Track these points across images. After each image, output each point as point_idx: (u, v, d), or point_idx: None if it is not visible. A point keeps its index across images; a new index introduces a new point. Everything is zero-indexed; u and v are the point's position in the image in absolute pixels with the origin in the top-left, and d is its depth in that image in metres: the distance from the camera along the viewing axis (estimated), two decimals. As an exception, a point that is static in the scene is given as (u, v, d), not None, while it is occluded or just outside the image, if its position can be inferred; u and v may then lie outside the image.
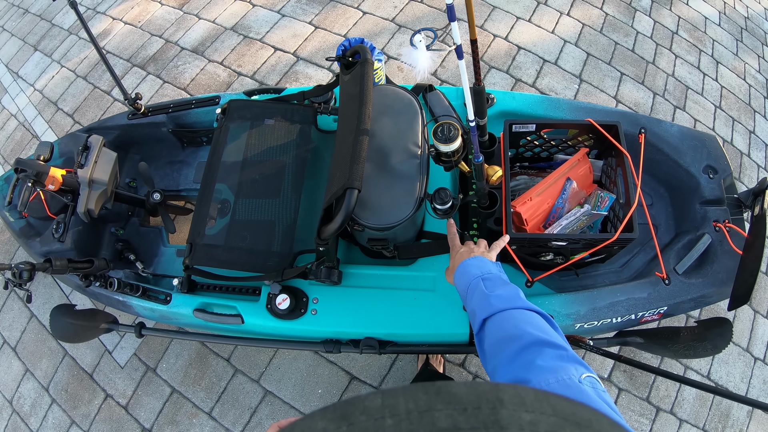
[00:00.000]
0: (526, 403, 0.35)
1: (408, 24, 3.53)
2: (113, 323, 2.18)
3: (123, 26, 4.14)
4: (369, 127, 1.42)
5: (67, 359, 2.86)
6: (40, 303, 3.05)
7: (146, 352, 2.78)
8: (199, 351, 2.71)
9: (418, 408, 0.34)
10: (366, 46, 1.61)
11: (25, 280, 1.76)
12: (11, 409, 2.86)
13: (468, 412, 0.33)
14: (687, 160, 1.85)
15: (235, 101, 2.07)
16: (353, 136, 1.39)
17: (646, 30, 3.54)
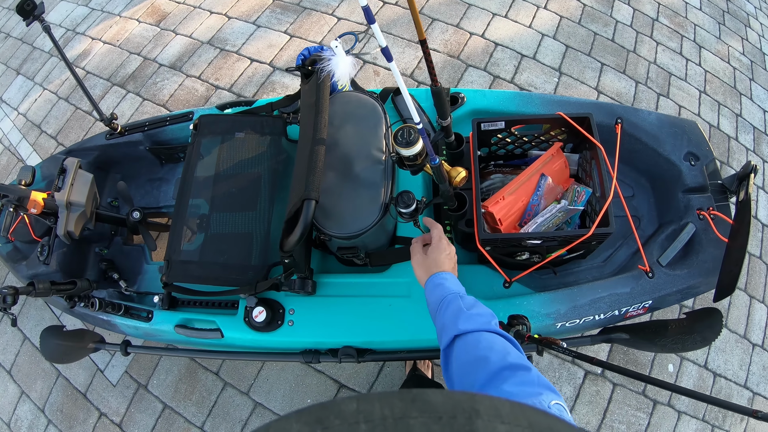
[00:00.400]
0: (502, 414, 0.35)
1: (384, 27, 3.52)
2: (100, 342, 2.18)
3: (102, 46, 4.15)
4: (325, 137, 1.40)
5: (60, 380, 2.87)
6: (32, 325, 3.07)
7: (137, 369, 2.78)
8: (188, 366, 2.71)
9: (394, 415, 0.34)
10: (323, 55, 1.58)
11: (9, 304, 1.76)
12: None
13: (443, 421, 0.33)
14: (667, 149, 1.81)
15: (205, 116, 2.07)
16: (309, 146, 1.38)
17: (626, 18, 3.51)
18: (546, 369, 2.43)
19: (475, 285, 1.70)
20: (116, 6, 4.45)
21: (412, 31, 3.45)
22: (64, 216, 1.93)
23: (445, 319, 1.04)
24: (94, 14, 4.49)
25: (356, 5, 3.68)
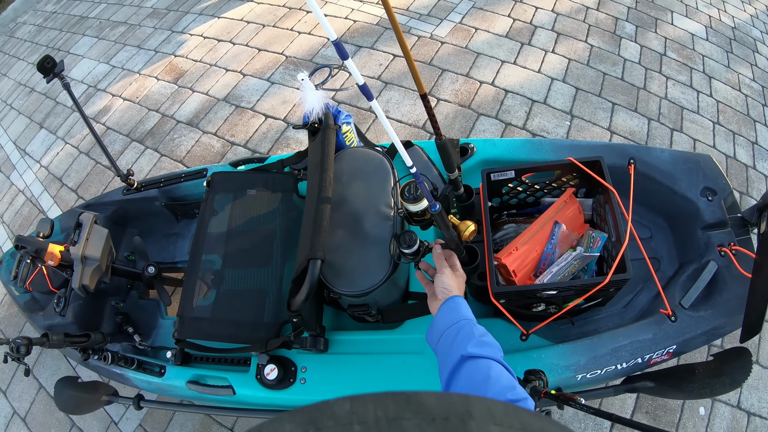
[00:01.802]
0: (495, 416, 0.35)
1: (394, 80, 3.59)
2: (114, 395, 2.19)
3: (122, 102, 4.31)
4: (330, 195, 1.42)
5: (74, 430, 2.86)
6: (48, 375, 3.08)
7: (151, 422, 2.76)
8: (203, 421, 2.68)
9: (387, 416, 0.33)
10: (329, 112, 1.60)
11: (22, 354, 1.80)
12: None
13: (436, 423, 0.33)
14: (682, 185, 1.78)
15: (217, 174, 2.10)
16: (315, 205, 1.39)
17: (634, 56, 3.53)
18: (571, 420, 2.35)
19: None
20: (136, 64, 4.65)
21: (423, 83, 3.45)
22: (80, 270, 1.96)
23: (455, 340, 1.05)
24: (115, 71, 4.69)
25: (368, 58, 3.78)
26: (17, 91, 5.24)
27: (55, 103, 4.71)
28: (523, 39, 3.67)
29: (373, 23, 4.08)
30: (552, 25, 3.76)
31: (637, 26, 3.76)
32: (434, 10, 4.03)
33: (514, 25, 3.79)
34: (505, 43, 3.66)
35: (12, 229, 3.87)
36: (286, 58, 4.02)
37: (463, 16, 3.92)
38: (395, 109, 3.39)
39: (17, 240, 1.89)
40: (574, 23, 3.77)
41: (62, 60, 2.08)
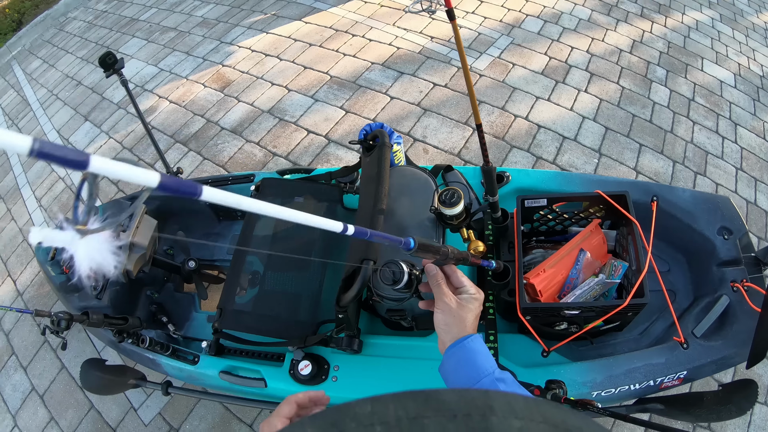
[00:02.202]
0: (516, 410, 0.34)
1: (433, 108, 3.73)
2: (141, 380, 2.25)
3: (168, 104, 4.50)
4: (385, 206, 1.54)
5: (92, 412, 2.92)
6: (72, 356, 3.17)
7: (171, 412, 2.81)
8: (222, 416, 2.73)
9: (408, 415, 0.34)
10: (384, 131, 1.74)
11: (62, 328, 1.86)
12: None
13: (458, 420, 0.33)
14: (701, 224, 1.87)
15: (268, 179, 2.22)
16: (370, 214, 1.52)
17: (663, 100, 3.64)
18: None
19: (515, 353, 1.75)
20: (184, 69, 4.87)
21: (460, 113, 3.64)
22: (125, 255, 2.02)
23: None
24: (163, 74, 4.91)
25: (409, 85, 3.92)
26: (64, 82, 5.48)
27: (101, 99, 4.92)
28: (558, 77, 3.80)
29: (416, 51, 4.24)
30: (586, 65, 3.89)
31: (667, 71, 3.87)
32: (475, 44, 4.18)
33: (550, 63, 3.93)
34: (541, 79, 3.79)
35: (49, 215, 4.04)
36: (330, 77, 4.18)
37: (501, 51, 4.07)
38: (432, 136, 3.52)
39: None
40: (607, 65, 3.90)
41: (122, 58, 2.21)
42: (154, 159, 4.06)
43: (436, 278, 1.03)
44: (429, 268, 1.05)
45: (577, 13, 4.46)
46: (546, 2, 4.59)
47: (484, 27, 4.36)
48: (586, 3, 4.58)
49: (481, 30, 4.32)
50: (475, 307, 1.01)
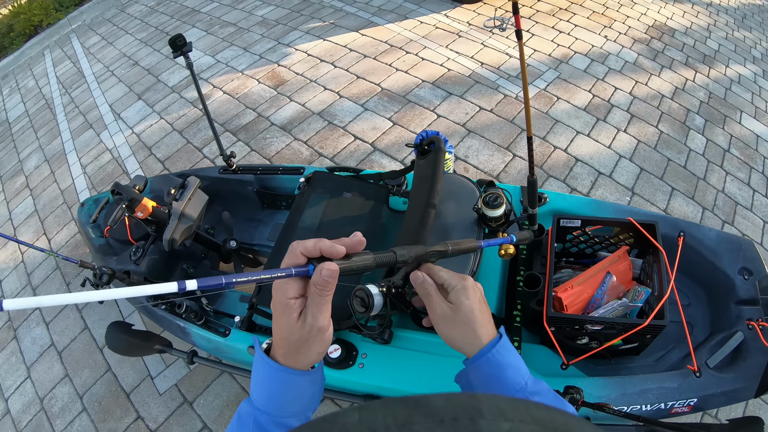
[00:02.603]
0: (505, 412, 0.35)
1: (476, 130, 3.85)
2: (167, 346, 2.30)
3: (222, 94, 4.69)
4: (437, 203, 1.65)
5: (108, 375, 2.99)
6: (96, 318, 3.27)
7: (187, 385, 2.85)
8: (238, 395, 2.76)
9: (397, 422, 0.34)
10: (440, 138, 1.88)
11: (103, 282, 1.95)
12: (40, 407, 2.98)
13: (446, 424, 0.33)
14: (723, 262, 1.95)
15: (319, 173, 2.34)
16: (423, 208, 1.64)
17: (699, 148, 3.71)
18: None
19: (536, 362, 1.84)
20: (240, 64, 5.08)
21: (502, 138, 3.75)
22: (174, 224, 2.11)
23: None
24: (219, 66, 5.12)
25: (456, 105, 4.06)
26: (121, 60, 5.74)
27: (156, 81, 5.16)
28: (600, 115, 3.90)
29: (466, 75, 4.38)
30: (628, 106, 3.99)
31: (706, 120, 3.95)
32: (523, 74, 4.29)
33: (593, 100, 4.04)
34: (583, 115, 3.90)
35: (93, 182, 4.21)
36: (381, 89, 4.34)
37: (548, 84, 4.20)
38: (474, 156, 3.64)
39: (115, 186, 2.01)
40: (648, 108, 3.99)
41: (191, 42, 2.29)
42: (202, 143, 4.23)
43: (423, 286, 0.85)
44: (414, 277, 0.87)
45: (623, 55, 4.57)
46: (594, 42, 4.72)
47: (533, 59, 4.49)
48: (633, 47, 4.69)
49: (530, 62, 4.45)
50: (470, 296, 0.83)
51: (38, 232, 3.98)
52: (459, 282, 0.85)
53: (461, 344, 0.84)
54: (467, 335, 0.82)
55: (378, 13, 5.45)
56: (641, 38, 4.85)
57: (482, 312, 0.85)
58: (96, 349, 3.11)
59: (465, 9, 5.32)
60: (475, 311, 0.83)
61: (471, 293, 0.84)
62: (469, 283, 0.85)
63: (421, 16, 5.30)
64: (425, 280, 0.86)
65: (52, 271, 3.66)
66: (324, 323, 0.72)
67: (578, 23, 5.01)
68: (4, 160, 5.17)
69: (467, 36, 4.89)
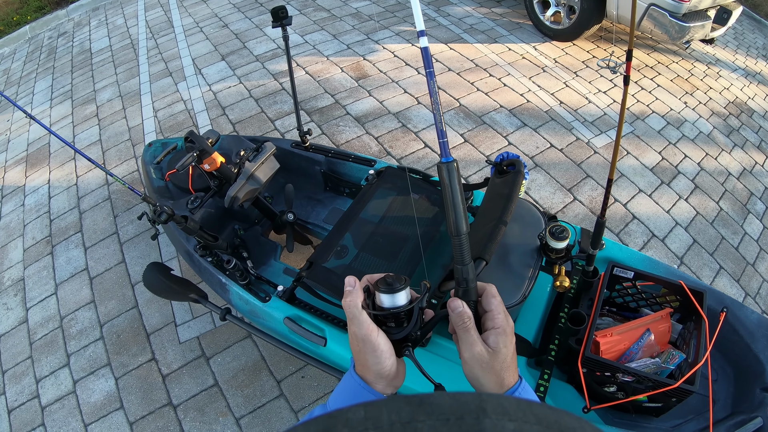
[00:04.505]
0: (510, 412, 0.35)
1: (543, 166, 3.89)
2: (203, 298, 2.33)
3: (304, 74, 4.83)
4: (508, 221, 1.72)
5: (134, 311, 3.05)
6: (135, 255, 3.36)
7: (209, 340, 2.88)
8: (256, 363, 2.78)
9: (401, 419, 0.34)
10: (521, 162, 1.96)
11: (161, 220, 1.97)
12: (59, 324, 3.07)
13: (451, 423, 0.33)
14: (758, 347, 1.97)
15: (392, 168, 2.41)
16: (494, 222, 1.70)
17: (755, 233, 3.71)
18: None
19: (560, 400, 1.88)
20: (327, 49, 5.21)
21: (566, 179, 3.79)
22: (242, 183, 2.16)
23: None
24: (306, 47, 5.27)
25: (528, 137, 4.12)
26: (211, 20, 5.92)
27: (242, 46, 5.31)
28: (665, 178, 3.92)
29: (543, 110, 4.44)
30: (693, 176, 4.00)
31: (767, 207, 3.94)
32: (597, 121, 4.36)
33: (660, 162, 4.05)
34: (648, 175, 3.92)
35: (162, 127, 4.37)
36: (459, 105, 4.42)
37: (622, 136, 4.17)
38: (536, 191, 3.69)
39: (189, 134, 2.05)
40: (712, 182, 3.99)
41: (292, 16, 2.34)
42: (276, 116, 4.35)
43: (461, 318, 0.77)
44: (454, 304, 0.78)
45: (699, 125, 4.57)
46: (674, 105, 4.73)
47: (610, 109, 4.52)
48: (710, 118, 4.68)
49: (607, 111, 4.49)
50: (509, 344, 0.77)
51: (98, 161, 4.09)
52: (505, 323, 0.78)
53: (486, 388, 0.76)
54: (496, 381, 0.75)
55: (469, 31, 5.54)
56: (719, 112, 4.83)
57: (513, 358, 0.78)
58: (128, 284, 3.20)
59: (554, 45, 5.38)
60: (508, 359, 0.76)
61: (510, 339, 0.77)
62: (511, 326, 0.79)
63: (510, 43, 5.37)
64: (464, 311, 0.77)
65: (103, 201, 3.80)
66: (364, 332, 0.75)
67: (661, 83, 5.01)
68: (79, 86, 5.38)
69: (551, 72, 4.95)
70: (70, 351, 2.94)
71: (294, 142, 2.73)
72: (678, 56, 5.58)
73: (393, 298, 0.77)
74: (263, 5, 6.16)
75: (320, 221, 2.75)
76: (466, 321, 0.77)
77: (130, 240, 3.46)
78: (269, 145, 2.33)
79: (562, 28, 5.32)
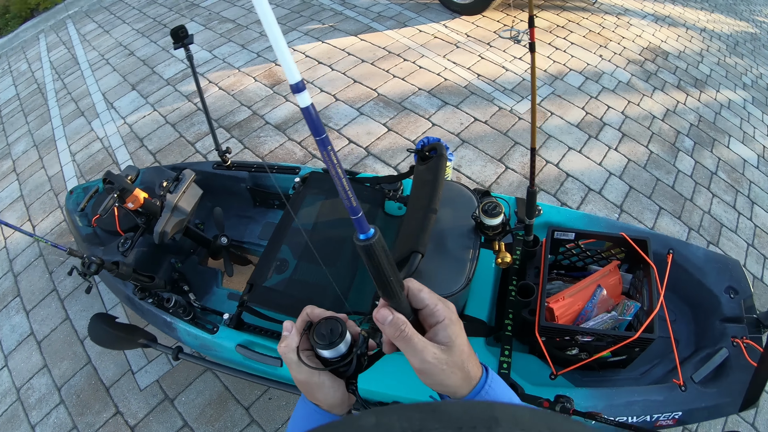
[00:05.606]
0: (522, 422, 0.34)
1: (470, 140, 3.88)
2: (152, 341, 2.27)
3: (217, 90, 4.68)
4: (438, 208, 1.67)
5: (88, 367, 2.93)
6: (78, 309, 3.20)
7: (169, 381, 2.81)
8: (220, 394, 2.73)
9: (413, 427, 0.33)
10: (443, 145, 1.91)
11: (92, 272, 1.87)
12: (16, 397, 2.92)
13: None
14: (710, 281, 2.00)
15: (316, 173, 2.35)
16: (423, 212, 1.65)
17: (687, 169, 3.79)
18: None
19: (525, 372, 1.86)
20: (237, 60, 5.06)
21: (495, 150, 3.79)
22: (167, 217, 2.09)
23: None
24: (216, 61, 5.10)
25: (451, 115, 4.10)
26: (116, 50, 5.69)
27: (151, 72, 5.11)
28: (592, 132, 3.96)
29: (462, 85, 4.42)
30: (619, 125, 4.06)
31: (695, 143, 4.03)
32: (518, 88, 4.37)
33: (585, 117, 4.10)
34: (575, 132, 3.95)
35: (81, 170, 4.16)
36: (377, 95, 4.36)
37: (542, 99, 4.25)
38: (467, 166, 3.67)
39: (107, 175, 1.98)
40: (639, 128, 4.07)
41: (192, 34, 2.27)
42: (195, 138, 4.20)
43: (398, 327, 0.64)
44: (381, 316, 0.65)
45: (617, 75, 4.65)
46: (590, 60, 4.79)
47: (528, 74, 4.52)
48: (627, 67, 4.77)
49: (525, 76, 4.50)
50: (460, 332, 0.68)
51: (23, 218, 3.92)
52: (448, 312, 0.67)
53: (453, 390, 0.67)
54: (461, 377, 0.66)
55: (377, 19, 5.48)
56: (635, 59, 4.93)
57: (470, 348, 0.68)
58: (77, 341, 3.07)
59: (464, 20, 5.37)
60: (466, 348, 0.67)
61: (459, 325, 0.68)
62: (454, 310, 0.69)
63: (420, 24, 5.33)
64: (397, 318, 0.64)
65: (35, 258, 3.60)
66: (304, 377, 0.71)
67: (574, 41, 5.08)
68: (-8, 143, 5.10)
69: (465, 47, 4.93)
70: (34, 422, 2.81)
71: (215, 163, 2.65)
72: (587, 12, 5.68)
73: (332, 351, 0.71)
74: (167, 26, 5.94)
75: (255, 238, 2.67)
76: (403, 328, 0.64)
77: (70, 294, 3.29)
78: (188, 172, 2.26)
79: (468, 2, 5.32)
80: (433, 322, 0.67)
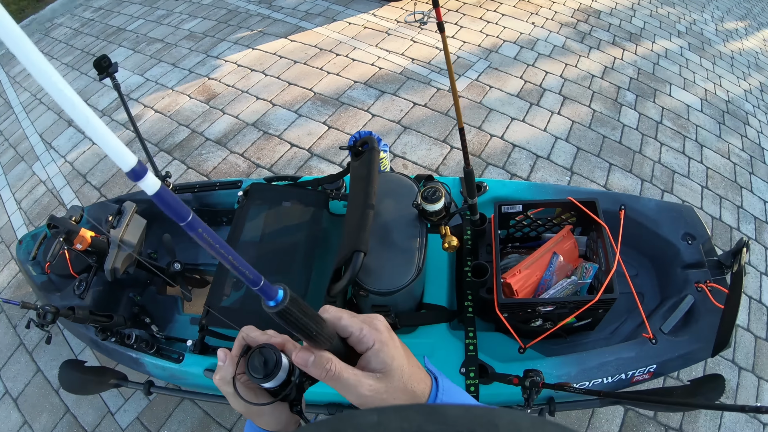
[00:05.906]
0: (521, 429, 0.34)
1: (412, 126, 3.85)
2: (122, 380, 2.24)
3: (153, 114, 4.54)
4: (374, 203, 1.63)
5: (68, 416, 2.86)
6: (47, 359, 3.12)
7: (149, 416, 2.77)
8: (202, 420, 2.70)
9: (411, 428, 0.33)
10: (373, 137, 1.85)
11: (48, 321, 1.84)
12: None
13: None
14: (665, 230, 2.00)
15: (256, 185, 2.29)
16: (361, 209, 1.61)
17: (632, 122, 3.82)
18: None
19: (493, 350, 1.83)
20: (169, 80, 4.92)
21: (438, 131, 3.77)
22: (114, 253, 2.03)
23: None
24: (148, 84, 4.95)
25: (390, 103, 4.06)
26: (48, 86, 5.48)
27: (85, 104, 4.95)
28: (533, 100, 3.97)
29: (397, 72, 4.38)
30: (559, 89, 4.07)
31: (637, 96, 4.06)
32: (454, 67, 4.26)
33: (525, 86, 4.09)
34: (516, 102, 3.95)
35: (29, 217, 4.01)
36: (314, 94, 4.29)
37: (479, 74, 4.23)
38: (412, 152, 3.64)
39: (50, 219, 1.96)
40: (579, 89, 4.08)
41: (116, 62, 2.21)
42: (143, 163, 4.08)
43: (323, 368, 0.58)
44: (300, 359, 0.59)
45: (551, 40, 4.66)
46: (522, 29, 4.79)
47: (462, 51, 4.52)
48: (560, 31, 4.79)
49: (460, 54, 4.48)
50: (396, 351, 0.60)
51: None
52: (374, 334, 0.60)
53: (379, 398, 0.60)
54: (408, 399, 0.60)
55: (305, 18, 5.40)
56: (568, 22, 4.95)
57: (411, 363, 0.62)
58: (52, 392, 2.97)
59: (392, 7, 5.32)
60: (406, 367, 0.60)
61: (392, 344, 0.61)
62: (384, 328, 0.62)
63: (349, 17, 5.27)
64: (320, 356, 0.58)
65: (-4, 315, 3.46)
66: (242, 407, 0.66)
67: (505, 12, 5.07)
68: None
69: (396, 33, 4.89)
70: (24, 481, 2.73)
71: None
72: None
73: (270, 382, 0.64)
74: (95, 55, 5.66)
75: (209, 259, 2.62)
76: (329, 366, 0.57)
77: (38, 346, 3.20)
78: (128, 204, 2.21)
79: (394, -13, 5.27)
80: (363, 348, 0.60)
